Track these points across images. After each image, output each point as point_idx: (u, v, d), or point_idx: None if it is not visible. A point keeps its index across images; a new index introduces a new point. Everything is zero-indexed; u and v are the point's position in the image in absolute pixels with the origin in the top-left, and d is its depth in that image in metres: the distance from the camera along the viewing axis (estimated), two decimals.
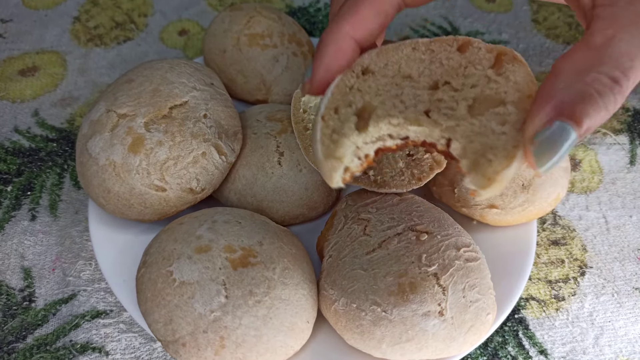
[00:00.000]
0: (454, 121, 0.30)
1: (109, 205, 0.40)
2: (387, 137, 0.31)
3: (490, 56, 0.31)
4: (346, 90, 0.31)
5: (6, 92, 0.56)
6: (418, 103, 0.31)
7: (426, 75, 0.31)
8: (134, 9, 0.65)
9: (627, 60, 0.25)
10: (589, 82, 0.25)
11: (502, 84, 0.30)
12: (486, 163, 0.28)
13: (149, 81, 0.41)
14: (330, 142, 0.30)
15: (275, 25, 0.50)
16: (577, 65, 0.26)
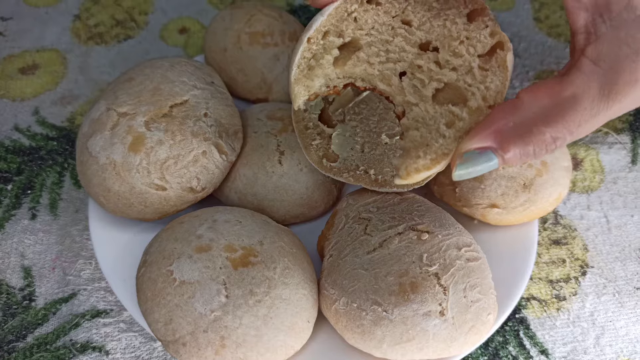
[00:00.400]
0: (416, 98, 0.32)
1: (109, 204, 0.40)
2: (359, 79, 0.33)
3: (488, 41, 0.31)
4: (344, 14, 0.31)
5: (6, 90, 0.56)
6: (400, 60, 0.32)
7: (424, 29, 0.32)
8: (134, 7, 0.65)
9: (575, 126, 0.28)
10: (534, 134, 0.28)
11: (476, 82, 0.31)
12: (415, 157, 0.31)
13: (149, 80, 0.41)
14: (306, 67, 0.31)
15: (276, 24, 0.50)
16: (534, 111, 0.28)
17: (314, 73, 0.32)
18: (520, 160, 0.29)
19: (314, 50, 0.31)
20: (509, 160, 0.29)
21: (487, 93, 0.31)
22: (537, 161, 0.40)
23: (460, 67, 0.32)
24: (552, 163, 0.40)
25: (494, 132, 0.29)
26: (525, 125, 0.29)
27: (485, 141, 0.29)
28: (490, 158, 0.29)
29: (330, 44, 0.32)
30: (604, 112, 0.28)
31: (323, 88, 0.33)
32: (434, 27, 0.32)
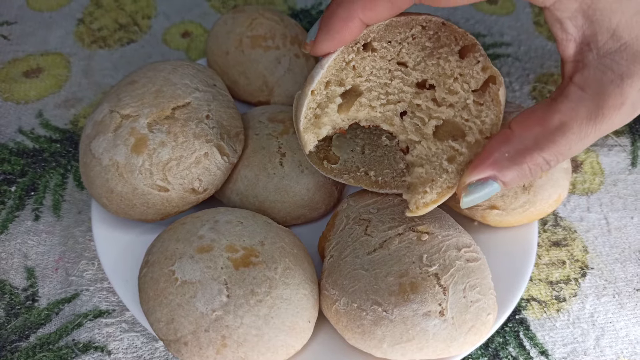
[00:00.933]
0: (418, 136, 0.35)
1: (111, 205, 0.40)
2: (363, 120, 0.35)
3: (481, 77, 0.33)
4: (342, 64, 0.33)
5: (10, 93, 0.56)
6: (400, 101, 0.34)
7: (419, 69, 0.34)
8: (137, 11, 0.65)
9: (566, 149, 0.31)
10: (528, 160, 0.31)
11: (472, 117, 0.33)
12: (422, 193, 0.34)
13: (152, 82, 0.41)
14: (312, 116, 0.34)
15: (278, 27, 0.50)
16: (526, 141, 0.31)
17: (321, 121, 0.34)
18: (519, 181, 0.32)
19: (318, 101, 0.33)
20: (508, 184, 0.32)
21: (484, 127, 0.33)
22: None
23: (457, 104, 0.34)
24: None
25: (492, 164, 0.31)
26: (519, 154, 0.31)
27: (485, 172, 0.32)
28: (492, 185, 0.32)
29: (332, 92, 0.33)
30: (593, 134, 0.30)
31: (330, 131, 0.35)
32: (428, 66, 0.33)
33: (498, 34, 0.62)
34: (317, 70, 0.33)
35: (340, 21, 0.31)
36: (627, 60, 0.29)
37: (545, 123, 0.31)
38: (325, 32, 0.32)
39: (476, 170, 0.32)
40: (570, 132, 0.30)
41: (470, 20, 0.64)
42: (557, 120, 0.30)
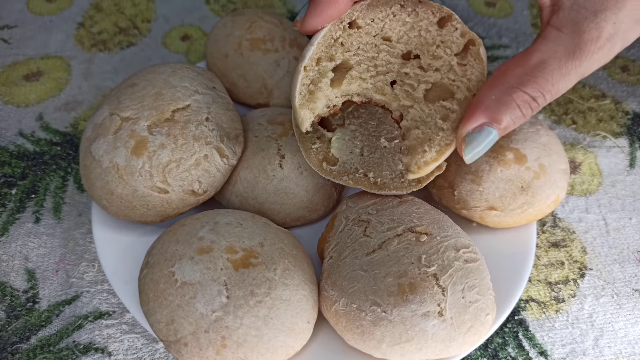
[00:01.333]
0: (410, 101, 0.36)
1: (112, 207, 0.40)
2: (355, 95, 0.37)
3: (461, 41, 0.36)
4: (331, 41, 0.35)
5: (11, 96, 0.56)
6: (388, 72, 0.36)
7: (403, 42, 0.36)
8: (137, 14, 0.66)
9: (549, 85, 0.32)
10: (514, 98, 0.32)
11: (459, 77, 0.36)
12: (422, 152, 0.35)
13: (151, 85, 0.42)
14: (307, 92, 0.35)
15: (277, 30, 0.50)
16: (509, 81, 0.32)
17: (315, 96, 0.35)
18: (514, 123, 0.33)
19: (311, 77, 0.35)
20: (505, 128, 0.33)
21: (470, 84, 0.35)
22: (535, 164, 0.40)
23: (442, 67, 0.36)
24: (550, 165, 0.41)
25: (483, 110, 0.33)
26: (505, 94, 0.32)
27: (478, 119, 0.33)
28: (489, 132, 0.33)
29: (324, 68, 0.35)
30: (575, 70, 0.32)
31: (324, 109, 0.36)
32: (411, 38, 0.36)
33: (496, 36, 0.63)
34: (307, 47, 0.35)
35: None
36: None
37: (526, 63, 0.32)
38: (313, 8, 0.34)
39: (469, 120, 0.33)
40: (549, 68, 0.32)
41: (468, 22, 0.64)
42: (537, 59, 0.32)
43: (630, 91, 0.57)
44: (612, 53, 0.32)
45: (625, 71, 0.58)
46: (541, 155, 0.41)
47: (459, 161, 0.41)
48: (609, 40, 0.32)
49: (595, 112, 0.55)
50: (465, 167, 0.41)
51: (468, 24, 0.64)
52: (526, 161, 0.40)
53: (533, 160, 0.40)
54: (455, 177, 0.41)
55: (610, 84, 0.57)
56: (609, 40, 0.32)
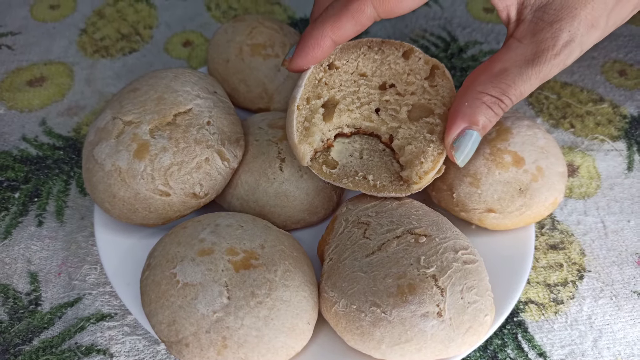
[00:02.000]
0: (397, 123, 0.41)
1: (114, 210, 0.40)
2: (345, 127, 0.41)
3: (426, 67, 0.40)
4: (315, 82, 0.39)
5: (14, 102, 0.57)
6: (371, 101, 0.41)
7: (377, 75, 0.41)
8: (139, 21, 0.66)
9: (511, 89, 0.35)
10: (484, 101, 0.36)
11: (433, 96, 0.40)
12: (418, 164, 0.38)
13: (153, 89, 0.42)
14: (303, 129, 0.39)
15: (277, 36, 0.51)
16: (476, 88, 0.36)
17: (311, 131, 0.39)
18: (490, 122, 0.36)
19: (304, 114, 0.39)
20: (483, 127, 0.36)
21: (444, 100, 0.40)
22: (533, 166, 0.41)
23: (417, 91, 0.40)
24: (547, 168, 0.41)
25: (461, 117, 0.36)
26: (475, 99, 0.36)
27: (459, 126, 0.36)
28: (471, 134, 0.36)
29: (314, 105, 0.39)
30: (535, 75, 0.35)
31: (319, 143, 0.40)
32: (383, 72, 0.41)
33: (494, 42, 0.63)
34: (296, 89, 0.39)
35: (314, 40, 0.37)
36: (555, 9, 0.35)
37: (490, 71, 0.36)
38: (300, 49, 0.38)
39: (451, 128, 0.37)
40: (511, 75, 0.35)
41: (466, 28, 0.65)
42: (499, 67, 0.36)
43: (628, 95, 0.57)
44: (570, 58, 0.35)
45: (622, 75, 0.59)
46: (539, 157, 0.41)
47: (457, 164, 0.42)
48: (565, 47, 0.35)
49: (593, 115, 0.55)
50: (463, 170, 0.41)
51: (466, 30, 0.65)
52: (524, 164, 0.41)
53: (531, 162, 0.41)
54: (454, 180, 0.42)
55: (608, 88, 0.58)
56: (565, 46, 0.35)
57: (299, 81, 0.39)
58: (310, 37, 0.37)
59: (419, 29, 0.65)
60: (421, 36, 0.64)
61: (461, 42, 0.63)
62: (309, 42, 0.37)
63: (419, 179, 0.38)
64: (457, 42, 0.63)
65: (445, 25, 0.65)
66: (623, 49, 0.61)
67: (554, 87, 0.58)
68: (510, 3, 0.36)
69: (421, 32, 0.65)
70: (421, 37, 0.64)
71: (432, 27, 0.65)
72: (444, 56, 0.62)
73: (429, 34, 0.64)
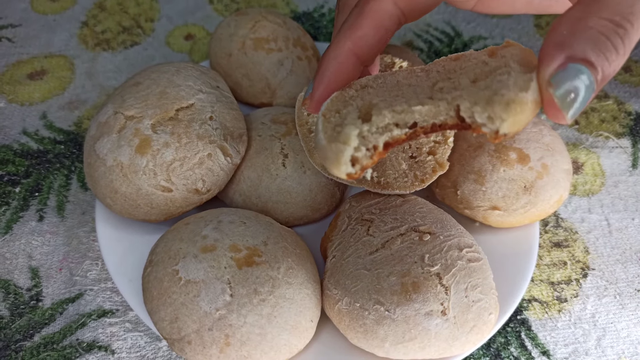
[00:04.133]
0: (459, 92, 0.27)
1: (115, 205, 0.40)
2: (393, 127, 0.28)
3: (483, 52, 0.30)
4: (345, 99, 0.30)
5: (15, 95, 0.56)
6: (420, 94, 0.29)
7: (424, 79, 0.30)
8: (140, 14, 0.66)
9: (626, 7, 0.24)
10: (593, 26, 0.24)
11: (500, 61, 0.28)
12: (499, 97, 0.25)
13: (155, 84, 0.42)
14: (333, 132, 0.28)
15: (280, 30, 0.50)
16: (577, 15, 0.25)
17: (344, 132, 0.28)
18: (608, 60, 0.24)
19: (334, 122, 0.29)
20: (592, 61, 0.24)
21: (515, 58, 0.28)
22: (538, 164, 0.40)
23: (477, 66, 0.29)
24: (553, 165, 0.41)
25: (556, 45, 0.24)
26: (576, 25, 0.24)
27: (558, 59, 0.24)
28: (579, 70, 0.24)
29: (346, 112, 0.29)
30: None
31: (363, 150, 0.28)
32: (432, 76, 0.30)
33: (499, 37, 0.63)
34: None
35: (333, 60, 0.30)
36: None
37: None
38: (320, 78, 0.30)
39: (547, 60, 0.24)
40: None
41: (471, 22, 0.64)
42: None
43: (633, 92, 0.57)
44: None
45: (627, 72, 0.58)
46: (544, 155, 0.41)
47: (462, 161, 0.41)
48: None
49: (598, 112, 0.55)
50: (468, 167, 0.41)
51: (471, 24, 0.64)
52: (529, 161, 0.40)
53: (536, 160, 0.40)
54: (458, 177, 0.41)
55: (613, 84, 0.57)
56: None
57: None
58: (330, 58, 0.30)
59: (423, 24, 0.64)
60: (425, 31, 0.64)
61: (465, 37, 0.63)
62: (330, 66, 0.30)
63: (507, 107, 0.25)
64: (461, 37, 0.63)
65: (449, 20, 0.65)
66: None
67: None
68: None
69: (425, 26, 0.64)
70: (425, 31, 0.64)
71: (436, 21, 0.65)
72: (448, 51, 0.61)
73: (433, 28, 0.64)
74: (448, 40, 0.62)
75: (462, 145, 0.42)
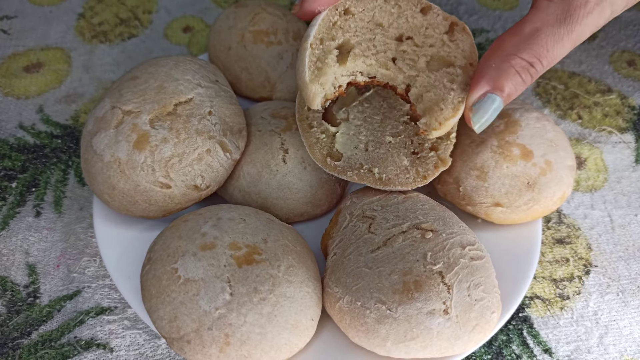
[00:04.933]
0: (415, 71, 0.38)
1: (113, 201, 0.40)
2: (358, 74, 0.39)
3: (445, 23, 0.39)
4: (330, 24, 0.38)
5: (11, 88, 0.56)
6: (387, 50, 0.39)
7: (394, 27, 0.39)
8: (138, 5, 0.65)
9: (543, 50, 0.34)
10: (513, 64, 0.34)
11: (453, 49, 0.38)
12: (438, 111, 0.37)
13: (153, 78, 0.41)
14: (315, 68, 0.37)
15: (280, 22, 0.50)
16: (506, 49, 0.34)
17: (323, 72, 0.37)
18: (515, 90, 0.34)
19: (317, 54, 0.37)
20: (508, 95, 0.34)
21: (465, 53, 0.38)
22: (541, 160, 0.40)
23: (435, 43, 0.39)
24: (556, 162, 0.40)
25: (485, 79, 0.34)
26: (504, 62, 0.34)
27: (482, 88, 0.34)
28: (493, 99, 0.34)
29: (327, 47, 0.38)
30: (567, 35, 0.34)
31: (331, 89, 0.38)
32: (400, 24, 0.39)
33: (501, 29, 0.62)
34: (310, 28, 0.38)
35: None
36: None
37: (520, 33, 0.34)
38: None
39: (473, 90, 0.35)
40: (543, 35, 0.34)
41: (473, 15, 0.64)
42: (530, 28, 0.34)
43: (637, 86, 0.56)
44: (602, 18, 0.34)
45: (631, 65, 0.58)
46: (548, 151, 0.40)
47: (464, 157, 0.41)
48: (597, 5, 0.33)
49: (601, 107, 0.54)
50: (470, 163, 0.40)
51: (473, 17, 0.63)
52: (532, 157, 0.40)
53: (539, 156, 0.40)
54: (461, 173, 0.41)
55: (617, 78, 0.57)
56: (597, 4, 0.33)
57: (313, 21, 0.38)
58: None
59: None
60: None
61: None
62: None
63: (439, 125, 0.37)
64: None
65: (451, 12, 0.64)
66: (632, 39, 0.60)
67: (562, 77, 0.57)
68: None
69: None
70: None
71: None
72: None
73: None
74: None
75: (465, 141, 0.42)
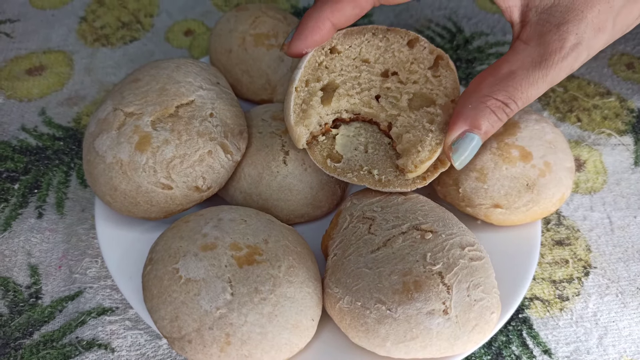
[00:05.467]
0: (397, 110, 0.40)
1: (115, 203, 0.40)
2: (343, 112, 0.40)
3: (430, 57, 0.40)
4: (316, 65, 0.39)
5: (13, 91, 0.56)
6: (371, 87, 0.40)
7: (380, 62, 0.40)
8: (140, 9, 0.65)
9: (517, 92, 0.35)
10: (488, 105, 0.35)
11: (436, 86, 0.40)
12: (415, 153, 0.38)
13: (155, 80, 0.41)
14: (300, 111, 0.38)
15: (281, 25, 0.50)
16: (483, 90, 0.35)
17: (308, 114, 0.38)
18: (492, 127, 0.36)
19: (302, 97, 0.39)
20: (485, 132, 0.36)
21: (447, 91, 0.39)
22: (541, 162, 0.40)
23: (419, 80, 0.40)
24: (555, 163, 0.40)
25: (463, 119, 0.36)
26: (480, 102, 0.35)
27: (460, 127, 0.36)
28: (472, 138, 0.36)
29: (313, 88, 0.39)
30: (542, 79, 0.35)
31: (317, 127, 0.40)
32: (386, 59, 0.40)
33: (500, 33, 0.62)
34: (296, 71, 0.39)
35: (313, 23, 0.37)
36: (561, 11, 0.35)
37: (497, 73, 0.35)
38: (299, 32, 0.37)
39: (452, 129, 0.36)
40: (518, 77, 0.35)
41: (472, 19, 0.64)
42: (506, 69, 0.35)
43: (636, 89, 0.56)
44: (578, 62, 0.35)
45: (630, 69, 0.58)
46: (547, 153, 0.40)
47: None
48: (572, 50, 0.34)
49: (600, 109, 0.55)
50: (470, 165, 0.41)
51: (472, 20, 0.64)
52: (532, 159, 0.40)
53: (539, 158, 0.40)
54: (460, 175, 0.41)
55: (616, 81, 0.57)
56: (573, 49, 0.34)
57: (299, 63, 0.39)
58: (310, 19, 0.37)
59: (424, 20, 0.64)
60: (426, 27, 0.63)
61: (467, 33, 0.62)
62: (309, 25, 0.37)
63: (415, 168, 0.37)
64: (462, 33, 0.62)
65: (450, 16, 0.64)
66: (631, 42, 0.61)
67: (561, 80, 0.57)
68: (514, 4, 0.36)
69: (426, 22, 0.64)
70: (426, 27, 0.63)
71: (438, 17, 0.64)
72: (449, 47, 0.61)
73: (434, 24, 0.63)
74: (450, 37, 0.62)
75: None
